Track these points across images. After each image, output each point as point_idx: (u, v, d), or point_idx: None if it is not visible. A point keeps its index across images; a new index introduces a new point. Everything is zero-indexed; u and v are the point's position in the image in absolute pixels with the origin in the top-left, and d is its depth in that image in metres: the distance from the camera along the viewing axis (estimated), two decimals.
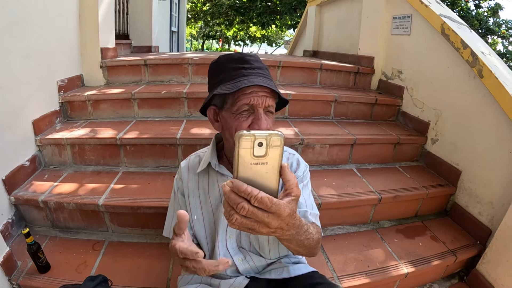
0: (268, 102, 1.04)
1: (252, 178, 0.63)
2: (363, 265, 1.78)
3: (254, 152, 0.61)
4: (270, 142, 0.61)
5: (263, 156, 0.62)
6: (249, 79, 1.02)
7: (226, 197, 0.63)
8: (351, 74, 3.37)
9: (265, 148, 0.61)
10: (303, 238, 0.87)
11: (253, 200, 0.61)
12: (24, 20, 2.07)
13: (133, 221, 1.95)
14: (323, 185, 2.13)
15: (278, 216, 0.64)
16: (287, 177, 0.66)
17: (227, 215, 0.64)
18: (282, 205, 0.64)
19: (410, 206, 2.25)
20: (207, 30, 19.13)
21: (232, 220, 0.63)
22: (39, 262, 1.62)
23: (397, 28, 3.03)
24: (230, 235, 1.19)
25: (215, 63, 1.15)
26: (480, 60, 2.06)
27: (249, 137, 0.60)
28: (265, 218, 0.63)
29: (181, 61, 3.09)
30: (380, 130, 2.67)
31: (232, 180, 0.62)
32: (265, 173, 0.63)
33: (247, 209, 0.61)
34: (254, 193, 0.61)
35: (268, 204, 0.62)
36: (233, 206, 0.62)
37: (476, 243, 2.03)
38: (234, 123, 1.04)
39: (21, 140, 2.07)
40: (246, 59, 1.09)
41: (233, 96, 1.04)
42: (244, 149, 0.60)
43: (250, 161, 0.62)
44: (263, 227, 0.65)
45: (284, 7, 11.09)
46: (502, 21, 9.81)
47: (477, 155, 2.14)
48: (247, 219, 0.63)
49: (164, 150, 2.28)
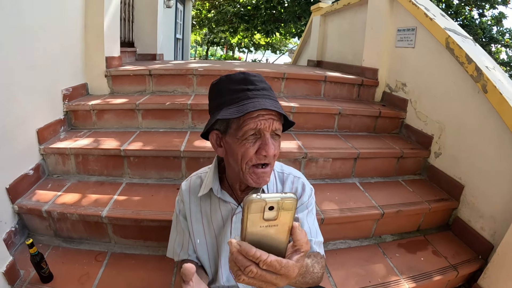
0: (275, 126, 0.98)
1: (260, 239, 0.60)
2: (364, 280, 1.77)
3: (264, 215, 0.58)
4: (282, 206, 0.58)
5: (273, 219, 0.59)
6: (255, 102, 0.96)
7: (233, 257, 0.61)
8: (355, 86, 3.38)
9: (276, 212, 0.58)
10: (308, 279, 0.87)
11: (262, 264, 0.60)
12: (29, 30, 2.09)
13: (136, 233, 1.96)
14: (326, 200, 2.13)
15: (287, 277, 0.63)
16: (298, 236, 0.64)
17: (234, 274, 0.63)
18: (291, 266, 0.62)
19: (413, 220, 2.25)
20: (212, 36, 19.22)
21: (239, 280, 0.62)
22: (42, 272, 1.63)
23: (401, 41, 3.05)
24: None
25: (217, 84, 1.09)
26: (485, 75, 2.07)
27: (259, 202, 0.56)
28: (273, 279, 0.62)
29: (185, 71, 3.11)
30: (383, 144, 2.67)
31: (240, 243, 0.60)
32: (274, 234, 0.61)
33: (255, 272, 0.60)
34: (263, 258, 0.59)
35: (278, 267, 0.60)
36: (241, 268, 0.61)
37: (478, 257, 2.02)
38: (240, 149, 0.98)
39: (25, 149, 2.08)
40: (250, 79, 1.02)
41: (238, 120, 0.97)
42: (253, 214, 0.57)
43: (259, 224, 0.59)
44: (270, 286, 0.64)
45: (288, 15, 11.10)
46: (506, 30, 9.80)
47: (480, 169, 2.13)
48: (255, 279, 0.62)
49: (167, 162, 2.28)
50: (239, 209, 1.15)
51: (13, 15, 1.94)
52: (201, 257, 1.21)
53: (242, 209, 0.60)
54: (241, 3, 13.20)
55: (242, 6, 13.04)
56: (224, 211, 1.17)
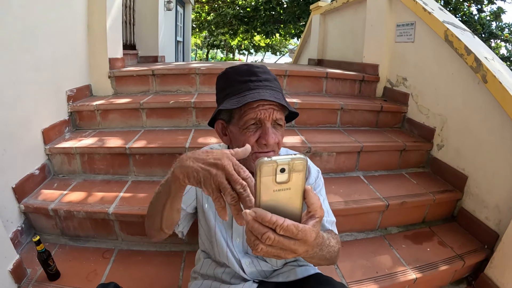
0: (276, 115, 1.02)
1: (275, 204, 0.60)
2: (371, 271, 1.78)
3: (276, 178, 0.58)
4: (293, 167, 0.58)
5: (285, 182, 0.58)
6: (255, 93, 1.00)
7: (249, 226, 0.60)
8: (356, 82, 3.39)
9: (287, 174, 0.58)
10: (325, 252, 0.87)
11: (279, 229, 0.59)
12: (34, 33, 2.12)
13: (143, 229, 1.93)
14: (331, 193, 2.14)
15: (305, 242, 0.62)
16: (311, 200, 0.63)
17: (251, 244, 0.62)
18: (308, 230, 0.62)
19: (417, 212, 2.25)
20: (212, 39, 19.27)
21: (257, 249, 0.61)
22: (49, 270, 1.63)
23: (401, 36, 3.06)
24: (236, 237, 1.21)
25: (222, 76, 1.14)
26: (484, 65, 2.08)
27: (270, 164, 0.57)
28: (292, 245, 0.62)
29: (188, 71, 3.13)
30: (386, 137, 2.68)
31: (255, 210, 0.59)
32: (288, 198, 0.60)
33: (273, 238, 0.59)
34: (280, 222, 0.58)
35: (295, 231, 0.60)
36: (258, 236, 0.60)
37: (484, 247, 2.02)
38: (242, 138, 1.03)
39: (30, 149, 2.10)
40: (253, 71, 1.06)
41: (239, 110, 1.02)
42: (265, 177, 0.57)
43: (272, 188, 0.58)
44: (289, 254, 0.64)
45: (288, 16, 11.14)
46: (505, 25, 9.81)
47: (482, 160, 2.14)
48: (273, 247, 0.61)
49: (172, 159, 2.24)
50: None
51: (19, 16, 1.97)
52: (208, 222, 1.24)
53: (254, 174, 0.58)
54: (240, 5, 13.25)
55: (242, 8, 13.07)
56: None
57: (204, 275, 1.31)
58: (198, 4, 14.21)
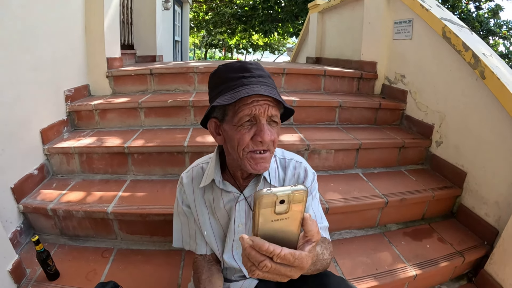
0: (271, 112, 0.98)
1: (273, 233, 0.61)
2: (371, 269, 1.78)
3: (275, 210, 0.58)
4: (293, 198, 0.58)
5: (284, 212, 0.59)
6: (249, 88, 0.96)
7: (246, 253, 0.61)
8: (354, 80, 3.39)
9: (287, 205, 0.58)
10: (318, 266, 0.88)
11: (276, 258, 0.60)
12: (32, 33, 2.12)
13: (142, 228, 1.97)
14: (330, 190, 2.14)
15: (301, 269, 0.64)
16: (309, 227, 0.64)
17: (248, 269, 0.63)
18: (304, 257, 0.63)
19: (417, 209, 2.25)
20: (210, 39, 19.24)
21: (254, 275, 0.62)
22: (49, 270, 1.63)
23: (398, 33, 3.06)
24: (236, 247, 1.20)
25: (214, 74, 1.10)
26: (482, 61, 2.08)
27: (270, 197, 0.57)
28: (288, 272, 0.63)
29: (186, 70, 3.13)
30: (384, 135, 2.68)
31: (252, 239, 0.60)
32: (286, 227, 0.61)
33: (269, 266, 0.60)
34: (277, 252, 0.59)
35: (291, 260, 0.61)
36: (254, 263, 0.61)
37: (484, 243, 2.02)
38: (236, 136, 0.98)
39: (29, 149, 2.10)
40: (246, 67, 1.02)
41: (233, 107, 0.98)
42: (265, 209, 0.58)
43: (271, 218, 0.59)
44: (285, 278, 0.65)
45: (286, 14, 11.14)
46: (503, 22, 9.82)
47: (481, 156, 2.14)
48: (269, 273, 0.62)
49: (171, 158, 2.29)
50: (242, 197, 1.16)
51: (19, 16, 1.97)
52: (211, 245, 1.23)
53: (253, 205, 0.58)
54: (238, 4, 13.23)
55: (239, 7, 13.06)
56: (227, 200, 1.18)
57: None
58: (196, 3, 14.19)
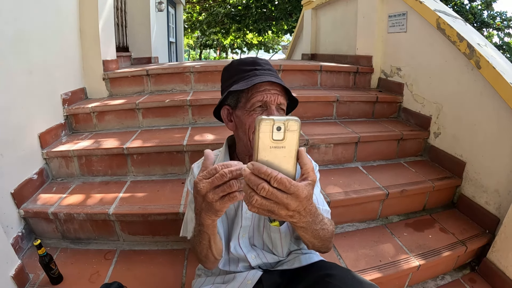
0: (280, 100, 1.11)
1: (271, 161, 0.64)
2: (374, 260, 1.78)
3: (273, 136, 0.63)
4: (288, 126, 0.63)
5: (281, 140, 0.63)
6: (262, 77, 1.09)
7: (246, 179, 0.64)
8: (350, 74, 3.40)
9: (283, 133, 0.63)
10: (318, 227, 0.88)
11: (273, 181, 0.62)
12: (26, 37, 2.11)
13: (144, 228, 1.96)
14: (330, 184, 2.15)
15: (297, 197, 0.65)
16: (304, 160, 0.68)
17: (247, 198, 0.65)
18: (300, 186, 0.65)
19: (418, 200, 2.26)
20: (204, 39, 19.25)
21: (252, 202, 0.64)
22: (52, 274, 1.63)
23: (393, 26, 3.06)
24: (243, 234, 1.21)
25: (228, 67, 1.23)
26: (477, 51, 2.08)
27: (268, 121, 0.62)
28: (284, 199, 0.64)
29: (182, 69, 3.12)
30: (383, 127, 2.68)
31: (253, 163, 0.63)
32: (283, 157, 0.65)
33: (267, 189, 0.62)
34: (274, 174, 0.62)
35: (287, 185, 0.63)
36: (253, 188, 0.63)
37: (485, 232, 2.03)
38: (248, 120, 1.10)
39: (28, 154, 2.09)
40: (258, 62, 1.17)
41: (246, 94, 1.11)
42: (263, 133, 0.62)
43: (269, 145, 0.63)
44: (282, 209, 0.66)
45: (279, 12, 11.15)
46: (496, 13, 9.85)
47: (480, 145, 2.15)
48: (267, 200, 0.64)
49: (171, 157, 2.29)
50: None
51: (10, 21, 1.96)
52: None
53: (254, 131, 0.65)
54: (232, 4, 13.24)
55: (233, 7, 13.09)
56: None
57: (208, 271, 1.31)
58: (189, 4, 14.18)
